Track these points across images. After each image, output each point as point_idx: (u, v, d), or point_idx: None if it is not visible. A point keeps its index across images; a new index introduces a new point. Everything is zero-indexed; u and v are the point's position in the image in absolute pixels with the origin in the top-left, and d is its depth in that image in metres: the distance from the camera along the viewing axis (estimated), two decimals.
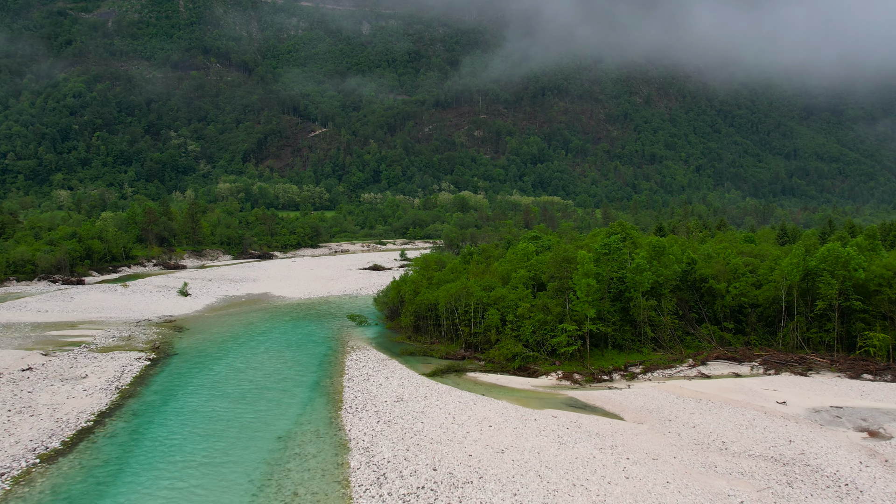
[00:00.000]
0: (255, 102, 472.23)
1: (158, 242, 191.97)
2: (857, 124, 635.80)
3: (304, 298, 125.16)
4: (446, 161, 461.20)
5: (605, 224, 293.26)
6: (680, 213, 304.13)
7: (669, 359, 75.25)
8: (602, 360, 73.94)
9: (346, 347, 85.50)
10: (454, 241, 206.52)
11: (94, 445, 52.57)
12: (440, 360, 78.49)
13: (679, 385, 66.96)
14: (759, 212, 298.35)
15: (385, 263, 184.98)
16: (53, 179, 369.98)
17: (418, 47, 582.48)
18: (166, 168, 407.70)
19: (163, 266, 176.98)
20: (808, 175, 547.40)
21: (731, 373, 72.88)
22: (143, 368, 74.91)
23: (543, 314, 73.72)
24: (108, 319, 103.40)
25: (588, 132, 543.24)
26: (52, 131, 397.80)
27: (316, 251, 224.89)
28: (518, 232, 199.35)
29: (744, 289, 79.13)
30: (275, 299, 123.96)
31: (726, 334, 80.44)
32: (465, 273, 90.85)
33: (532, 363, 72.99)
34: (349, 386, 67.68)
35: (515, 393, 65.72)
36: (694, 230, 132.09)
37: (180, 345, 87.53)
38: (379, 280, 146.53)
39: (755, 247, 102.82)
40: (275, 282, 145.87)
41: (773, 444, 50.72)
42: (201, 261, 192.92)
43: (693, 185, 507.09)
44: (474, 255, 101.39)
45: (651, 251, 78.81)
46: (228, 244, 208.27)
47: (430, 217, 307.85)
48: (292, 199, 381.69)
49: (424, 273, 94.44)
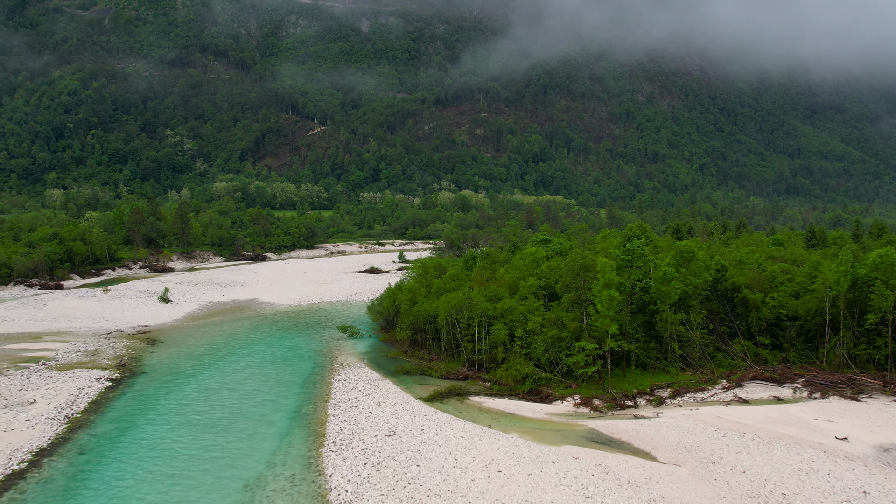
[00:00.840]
0: (252, 100, 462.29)
1: (146, 244, 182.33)
2: (861, 123, 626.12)
3: (293, 306, 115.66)
4: (447, 160, 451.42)
5: (611, 224, 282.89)
6: (686, 213, 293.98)
7: (700, 380, 65.83)
8: (624, 382, 64.52)
9: (335, 364, 76.11)
10: (455, 242, 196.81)
11: (21, 497, 43.20)
12: (440, 380, 69.07)
13: (716, 413, 57.52)
14: (767, 211, 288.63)
15: (383, 266, 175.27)
16: (47, 179, 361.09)
17: (418, 45, 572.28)
18: (162, 167, 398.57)
19: (149, 269, 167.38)
20: (813, 174, 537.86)
21: (772, 396, 63.49)
22: (102, 391, 65.55)
23: (557, 330, 64.28)
24: (78, 330, 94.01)
25: (590, 130, 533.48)
26: (47, 129, 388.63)
27: (311, 252, 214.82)
28: (523, 233, 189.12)
29: (782, 300, 69.65)
30: (262, 307, 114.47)
31: (762, 351, 71.01)
32: (468, 280, 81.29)
33: (545, 386, 63.55)
34: (334, 414, 58.31)
35: (527, 423, 56.36)
36: (714, 232, 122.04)
37: (151, 361, 78.16)
38: (375, 284, 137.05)
39: (784, 250, 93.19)
40: (264, 286, 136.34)
41: (844, 497, 41.36)
42: (191, 263, 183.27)
43: (697, 185, 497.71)
44: (477, 261, 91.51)
45: (678, 257, 69.31)
46: (220, 245, 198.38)
47: (431, 217, 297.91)
48: (290, 198, 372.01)
49: (422, 280, 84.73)
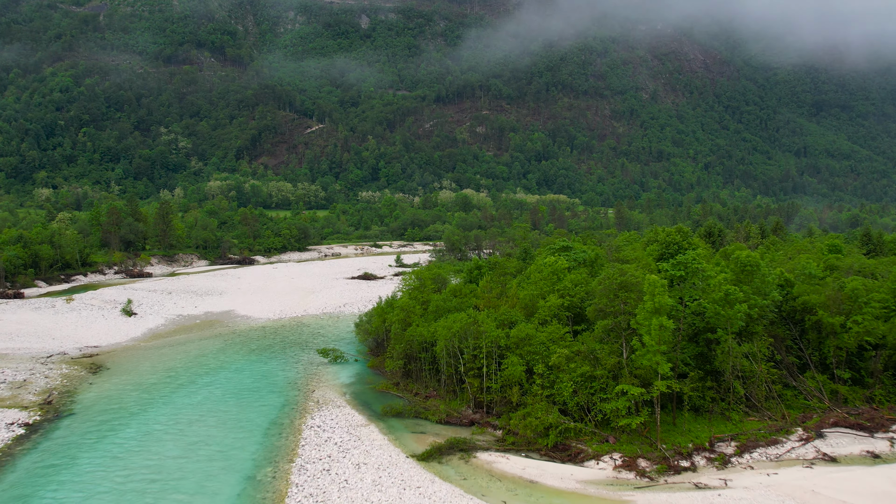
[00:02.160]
0: (249, 98, 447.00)
1: (124, 246, 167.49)
2: (868, 120, 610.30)
3: (273, 319, 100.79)
4: (447, 158, 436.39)
5: (619, 224, 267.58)
6: (698, 212, 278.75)
7: (770, 428, 50.98)
8: (675, 433, 49.65)
9: (310, 401, 61.30)
10: (456, 244, 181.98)
11: None
12: (438, 425, 54.29)
13: (805, 484, 42.58)
14: (782, 211, 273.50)
15: (378, 270, 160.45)
16: (37, 177, 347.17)
17: (418, 41, 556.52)
18: (156, 165, 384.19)
19: (125, 274, 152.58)
20: (820, 173, 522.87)
21: (864, 452, 48.72)
22: (7, 443, 50.80)
23: (589, 366, 49.46)
24: (15, 352, 79.30)
25: (593, 128, 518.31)
26: (37, 127, 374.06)
27: (303, 255, 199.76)
28: (531, 235, 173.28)
29: (869, 324, 54.80)
30: (237, 321, 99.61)
31: (840, 387, 56.21)
32: (473, 297, 66.32)
33: (573, 439, 48.71)
34: (298, 484, 43.46)
35: (554, 499, 41.59)
36: (752, 235, 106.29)
37: (86, 395, 63.41)
38: (368, 293, 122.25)
39: (845, 259, 78.11)
40: (245, 295, 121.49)
41: None
42: (172, 267, 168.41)
43: (702, 183, 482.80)
44: (484, 271, 76.27)
45: (738, 271, 54.47)
46: (205, 248, 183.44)
47: (431, 217, 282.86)
48: (286, 197, 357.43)
49: (418, 295, 69.60)
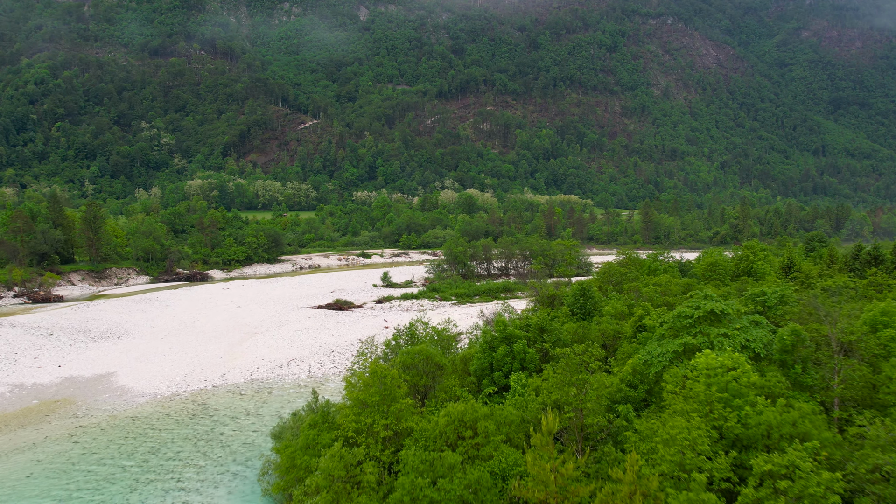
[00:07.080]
0: (239, 91, 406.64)
1: (37, 260, 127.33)
2: (888, 118, 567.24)
3: (164, 397, 59.63)
4: (450, 156, 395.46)
5: (647, 230, 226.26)
6: (733, 216, 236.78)
7: None
8: None
9: None
10: (459, 256, 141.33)
11: None
12: None
13: None
14: (830, 214, 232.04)
15: (357, 292, 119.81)
16: (3, 175, 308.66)
17: (420, 34, 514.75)
18: (135, 163, 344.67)
19: (27, 298, 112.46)
20: (840, 172, 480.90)
21: None
22: None
23: None
24: None
25: (603, 125, 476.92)
26: (6, 121, 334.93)
27: (273, 268, 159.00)
28: (572, 254, 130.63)
29: None
30: (103, 401, 58.54)
31: None
32: (506, 447, 25.14)
33: None
34: None
35: None
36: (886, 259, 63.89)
37: None
38: (333, 336, 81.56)
39: None
40: (152, 340, 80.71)
41: None
42: (99, 286, 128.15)
43: (719, 183, 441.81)
44: (518, 358, 31.89)
45: None
46: (147, 260, 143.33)
47: (430, 220, 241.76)
48: (274, 197, 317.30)
49: (366, 432, 28.33)
